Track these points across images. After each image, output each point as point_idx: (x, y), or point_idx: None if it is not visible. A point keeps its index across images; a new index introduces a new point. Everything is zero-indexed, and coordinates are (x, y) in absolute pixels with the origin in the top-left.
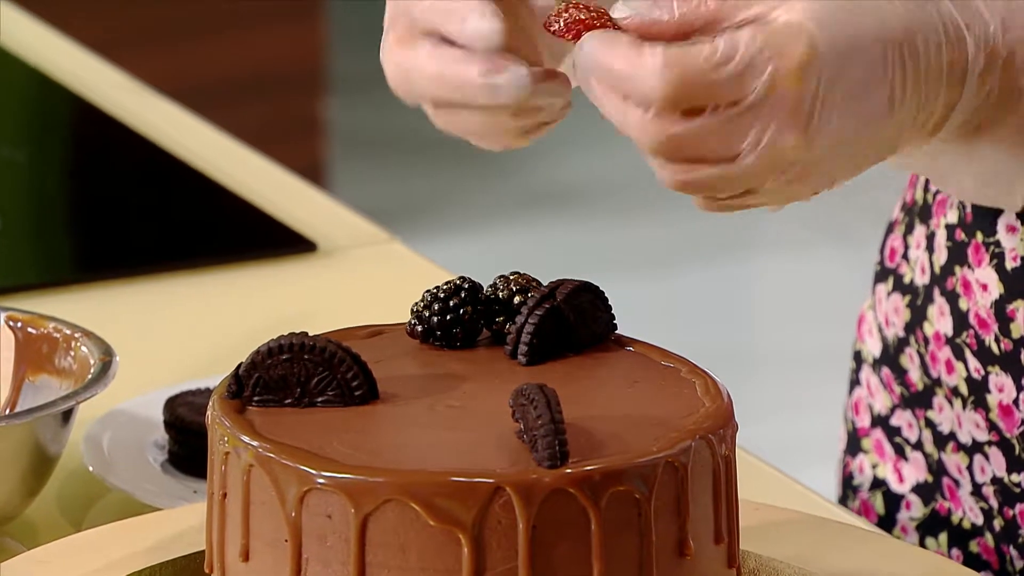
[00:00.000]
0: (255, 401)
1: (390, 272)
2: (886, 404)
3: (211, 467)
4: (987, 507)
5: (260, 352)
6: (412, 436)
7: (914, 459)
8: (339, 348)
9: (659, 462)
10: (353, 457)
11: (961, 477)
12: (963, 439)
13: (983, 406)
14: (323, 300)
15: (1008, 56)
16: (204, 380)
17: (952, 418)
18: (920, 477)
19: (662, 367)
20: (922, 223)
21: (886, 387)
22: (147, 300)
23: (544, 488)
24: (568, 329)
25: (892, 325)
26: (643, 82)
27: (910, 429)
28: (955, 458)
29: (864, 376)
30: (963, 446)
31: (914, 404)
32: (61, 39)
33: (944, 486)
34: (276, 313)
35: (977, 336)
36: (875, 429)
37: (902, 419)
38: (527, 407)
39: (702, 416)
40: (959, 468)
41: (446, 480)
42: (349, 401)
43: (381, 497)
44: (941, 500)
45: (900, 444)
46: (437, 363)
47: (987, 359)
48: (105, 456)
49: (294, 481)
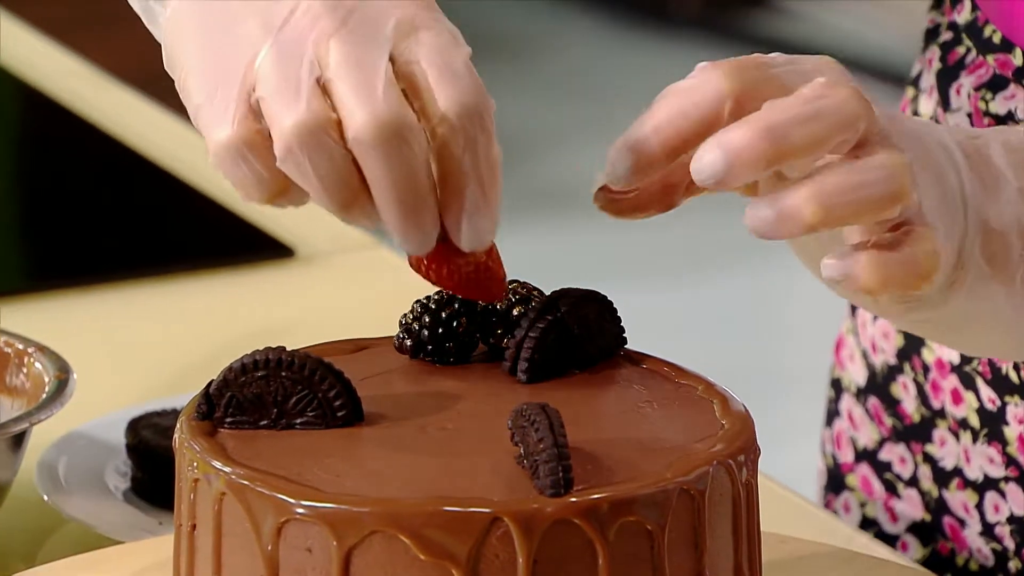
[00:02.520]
0: (227, 423)
1: (376, 280)
2: (873, 437)
3: (179, 496)
4: (1000, 548)
5: (233, 369)
6: (400, 461)
7: (908, 496)
8: (320, 364)
9: (673, 490)
10: (335, 484)
11: (968, 516)
12: (972, 475)
13: (999, 439)
14: (302, 311)
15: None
16: (171, 400)
17: (958, 452)
18: (916, 516)
19: (677, 385)
20: None
21: (873, 419)
22: (107, 311)
23: (546, 519)
24: (573, 343)
25: (881, 352)
26: None
27: (903, 464)
28: (961, 496)
29: (845, 406)
30: (971, 483)
31: (909, 437)
32: (7, 21)
33: (945, 525)
34: (250, 326)
35: (991, 364)
36: (860, 464)
37: (893, 453)
38: (527, 429)
39: (720, 439)
40: (965, 507)
41: (438, 510)
42: (331, 423)
43: (366, 529)
44: (942, 540)
45: (891, 480)
46: (428, 381)
47: (1004, 388)
48: (61, 484)
49: (270, 511)
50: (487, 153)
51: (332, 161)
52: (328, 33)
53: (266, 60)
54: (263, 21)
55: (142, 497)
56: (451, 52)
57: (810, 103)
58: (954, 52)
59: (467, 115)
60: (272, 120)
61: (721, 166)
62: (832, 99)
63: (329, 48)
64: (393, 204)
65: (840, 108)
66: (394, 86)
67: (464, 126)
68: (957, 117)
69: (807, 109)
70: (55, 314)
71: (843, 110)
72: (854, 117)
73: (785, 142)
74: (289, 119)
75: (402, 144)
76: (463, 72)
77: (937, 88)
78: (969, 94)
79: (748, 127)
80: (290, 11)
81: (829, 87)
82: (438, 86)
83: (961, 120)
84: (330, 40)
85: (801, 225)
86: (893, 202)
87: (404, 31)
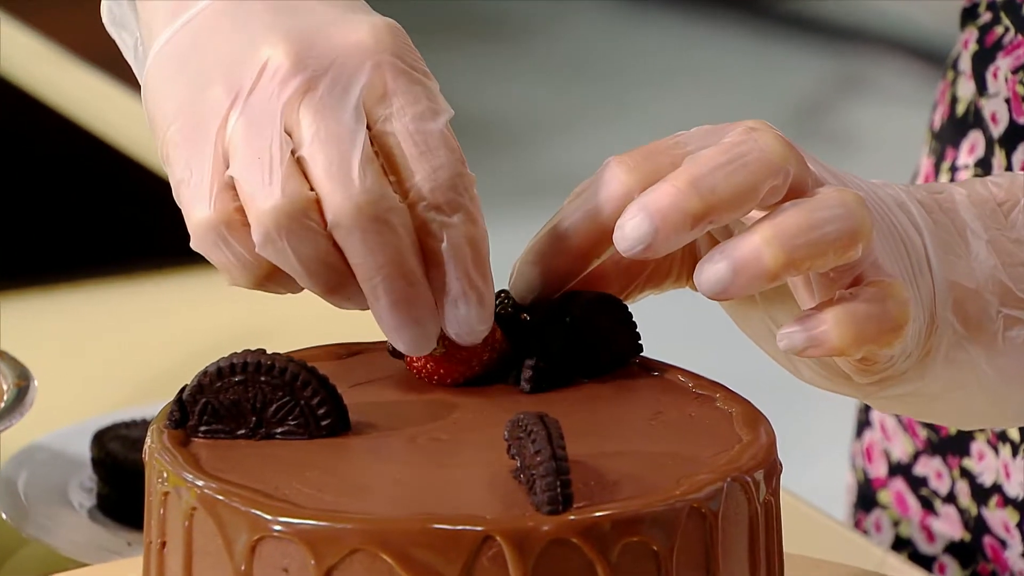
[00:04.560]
0: (202, 432)
1: None
2: (907, 449)
3: (148, 511)
4: None
5: (208, 373)
6: (387, 475)
7: (946, 514)
8: (303, 369)
9: (682, 508)
10: (316, 499)
11: (1009, 536)
12: (1012, 492)
13: None
14: (285, 312)
15: None
16: (141, 409)
17: (997, 468)
18: (955, 535)
19: (694, 395)
20: None
21: (907, 429)
22: (71, 313)
23: (542, 538)
24: (582, 350)
25: None
26: None
27: (940, 479)
28: (1001, 514)
29: (876, 416)
30: (1011, 500)
31: (946, 450)
32: None
33: (986, 546)
34: (228, 328)
35: None
36: (894, 479)
37: (929, 467)
38: (524, 441)
39: (737, 453)
40: (1006, 526)
41: (425, 527)
42: (314, 433)
43: (347, 547)
44: (983, 562)
45: (927, 497)
46: (424, 388)
47: None
48: (21, 501)
49: (244, 527)
50: (469, 233)
51: (314, 245)
52: (298, 98)
53: (236, 131)
54: (231, 84)
55: (109, 515)
56: (427, 122)
57: (732, 150)
58: (992, 32)
59: (443, 191)
60: (247, 203)
61: (647, 230)
62: (755, 143)
63: (300, 118)
64: (381, 292)
65: (765, 152)
66: (371, 162)
67: (440, 204)
68: (994, 104)
69: (730, 156)
70: (13, 316)
71: (768, 154)
72: (782, 160)
73: (712, 195)
74: (265, 203)
75: (383, 227)
76: (439, 144)
77: (973, 72)
78: (1007, 77)
79: (670, 184)
80: (259, 72)
81: (750, 132)
82: (414, 161)
83: (999, 107)
84: (300, 107)
85: (762, 274)
86: (854, 240)
87: (377, 95)
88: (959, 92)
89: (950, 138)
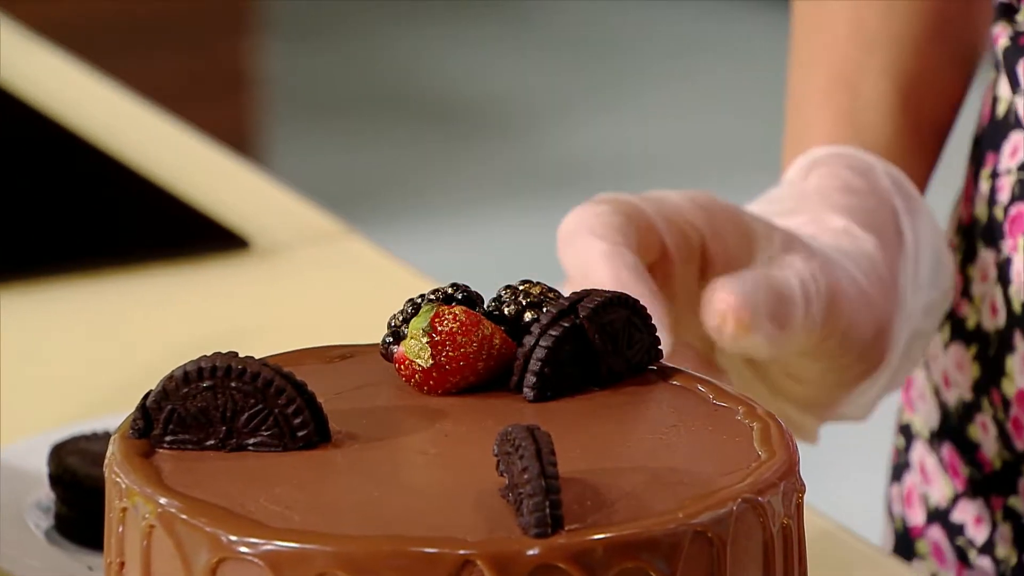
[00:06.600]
0: (167, 442)
1: (346, 276)
2: (946, 493)
3: (108, 528)
4: None
5: (174, 378)
6: (365, 492)
7: (980, 567)
8: (277, 374)
9: (685, 532)
10: (283, 518)
11: None
12: None
13: None
14: (260, 313)
15: None
16: (102, 420)
17: None
18: None
19: (713, 407)
20: (988, 246)
21: (947, 470)
22: (25, 315)
23: (527, 563)
24: (593, 356)
25: (955, 385)
26: None
27: (978, 525)
28: None
29: (916, 457)
30: None
31: (989, 490)
32: None
33: None
34: (199, 329)
35: None
36: (931, 526)
37: (967, 512)
38: (512, 456)
39: (751, 472)
40: None
41: (401, 550)
42: (289, 444)
43: (315, 570)
44: None
45: (963, 547)
46: (417, 396)
47: None
48: None
49: (204, 547)
50: None
51: None
52: None
53: None
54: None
55: (68, 537)
56: None
57: None
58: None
59: None
60: None
61: None
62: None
63: None
64: None
65: None
66: None
67: None
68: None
69: None
70: None
71: None
72: None
73: None
74: None
75: None
76: None
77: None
78: None
79: None
80: None
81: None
82: None
83: None
84: None
85: None
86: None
87: None
88: (999, 92)
89: (990, 142)
